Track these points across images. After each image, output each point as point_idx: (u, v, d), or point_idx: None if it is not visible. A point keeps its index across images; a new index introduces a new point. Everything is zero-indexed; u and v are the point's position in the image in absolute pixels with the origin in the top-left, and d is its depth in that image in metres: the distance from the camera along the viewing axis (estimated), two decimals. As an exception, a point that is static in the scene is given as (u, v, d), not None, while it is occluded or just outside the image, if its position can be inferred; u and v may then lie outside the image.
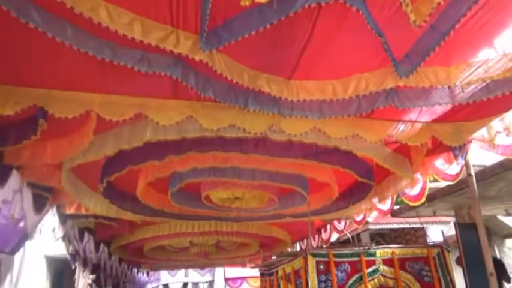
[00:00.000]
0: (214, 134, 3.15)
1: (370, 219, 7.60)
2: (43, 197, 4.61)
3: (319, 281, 4.72)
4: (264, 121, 3.09)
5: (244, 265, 13.51)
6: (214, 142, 3.51)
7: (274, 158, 3.69)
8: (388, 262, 5.07)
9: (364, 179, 4.27)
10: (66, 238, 5.85)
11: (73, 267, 6.30)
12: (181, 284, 15.87)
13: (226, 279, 15.77)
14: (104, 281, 8.43)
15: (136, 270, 12.85)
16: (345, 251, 4.98)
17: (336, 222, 8.09)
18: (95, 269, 7.49)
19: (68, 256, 6.15)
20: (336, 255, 4.87)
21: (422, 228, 7.80)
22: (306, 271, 4.80)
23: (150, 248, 8.61)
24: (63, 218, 5.53)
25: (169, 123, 3.05)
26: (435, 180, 4.87)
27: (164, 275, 15.78)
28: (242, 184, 4.48)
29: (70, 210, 5.46)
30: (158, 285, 15.75)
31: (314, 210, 6.14)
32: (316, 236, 8.36)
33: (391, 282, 5.00)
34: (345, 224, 7.89)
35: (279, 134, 3.25)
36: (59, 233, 5.56)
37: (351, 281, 4.84)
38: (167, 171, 4.09)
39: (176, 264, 12.18)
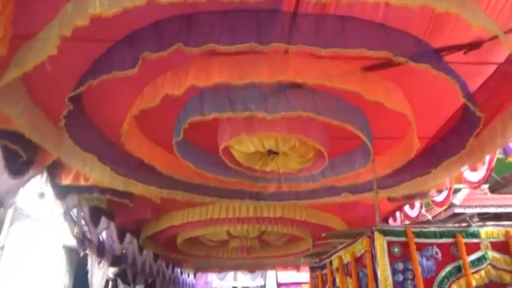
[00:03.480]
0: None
1: (456, 201, 5.72)
2: (18, 156, 3.54)
3: (394, 271, 3.13)
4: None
5: (298, 268, 11.94)
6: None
7: (317, 48, 2.20)
8: (500, 247, 3.35)
9: (469, 103, 2.63)
10: (68, 217, 4.80)
11: (81, 255, 5.25)
12: (230, 288, 14.67)
13: (279, 284, 14.28)
14: (132, 276, 7.39)
15: (179, 271, 11.82)
16: (432, 228, 3.34)
17: (407, 208, 6.34)
18: (117, 261, 6.44)
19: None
20: (418, 234, 3.26)
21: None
22: (373, 257, 3.24)
23: (184, 240, 7.42)
24: (61, 190, 4.47)
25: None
26: None
27: (213, 280, 14.68)
28: (272, 123, 3.07)
29: (66, 180, 4.41)
30: (206, 289, 14.68)
31: (381, 181, 4.53)
32: (383, 228, 6.65)
33: (507, 277, 3.27)
34: (420, 209, 6.12)
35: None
36: (57, 209, 4.51)
37: (443, 273, 3.19)
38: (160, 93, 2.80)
39: (221, 264, 10.92)
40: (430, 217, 5.79)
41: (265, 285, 14.41)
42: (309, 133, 3.22)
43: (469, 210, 5.97)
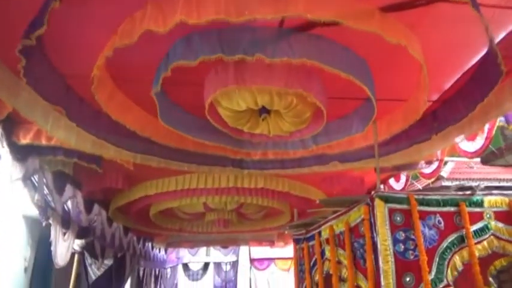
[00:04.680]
0: None
1: (444, 174, 5.59)
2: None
3: (395, 241, 2.88)
4: None
5: (272, 243, 11.81)
6: None
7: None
8: (503, 217, 3.17)
9: (495, 53, 2.32)
10: (28, 183, 4.26)
11: (43, 225, 4.74)
12: (202, 264, 14.39)
13: (252, 260, 14.17)
14: (100, 250, 6.93)
15: (150, 246, 11.40)
16: (435, 196, 3.11)
17: (392, 181, 6.18)
18: (84, 233, 5.96)
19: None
20: (420, 202, 3.01)
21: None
22: (372, 225, 2.98)
23: (157, 212, 6.99)
24: (19, 151, 3.92)
25: None
26: None
27: (185, 255, 14.37)
28: (267, 75, 2.68)
29: (25, 139, 3.86)
30: (178, 264, 14.34)
31: (372, 150, 4.27)
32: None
33: (510, 248, 3.10)
34: (406, 182, 5.97)
35: None
36: (16, 173, 3.97)
37: (446, 243, 2.98)
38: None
39: (194, 239, 10.58)
40: (420, 188, 5.62)
41: (238, 261, 14.27)
42: (310, 88, 2.85)
43: (457, 183, 5.90)
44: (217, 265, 14.25)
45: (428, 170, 5.07)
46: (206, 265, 14.35)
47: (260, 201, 6.24)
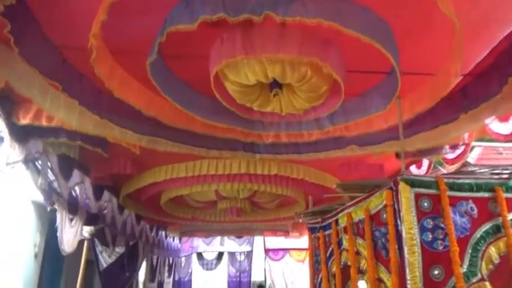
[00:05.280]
0: None
1: (471, 160, 5.19)
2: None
3: (423, 229, 2.57)
4: None
5: (287, 234, 11.58)
6: None
7: None
8: (545, 204, 2.81)
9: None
10: (31, 165, 4.10)
11: (48, 209, 4.59)
12: (217, 253, 14.27)
13: (267, 250, 13.96)
14: (111, 238, 6.81)
15: (164, 234, 11.32)
16: (467, 180, 2.77)
17: (413, 168, 5.80)
18: (93, 220, 5.82)
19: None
20: (451, 186, 2.68)
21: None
22: (396, 211, 2.67)
23: (168, 200, 6.81)
24: (19, 132, 3.75)
25: None
26: None
27: (199, 244, 14.27)
28: (278, 42, 2.38)
29: (25, 119, 3.68)
30: (192, 254, 14.26)
31: (395, 131, 3.93)
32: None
33: (553, 239, 2.75)
34: (428, 169, 5.59)
35: None
36: (15, 155, 3.80)
37: (479, 233, 2.64)
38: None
39: (208, 228, 10.42)
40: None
41: (252, 251, 14.09)
42: (326, 57, 2.54)
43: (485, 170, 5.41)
44: (232, 255, 14.10)
45: (452, 156, 4.68)
46: (220, 255, 14.23)
47: (274, 189, 5.97)
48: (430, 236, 2.57)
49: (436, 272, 2.51)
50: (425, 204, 2.62)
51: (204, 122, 3.76)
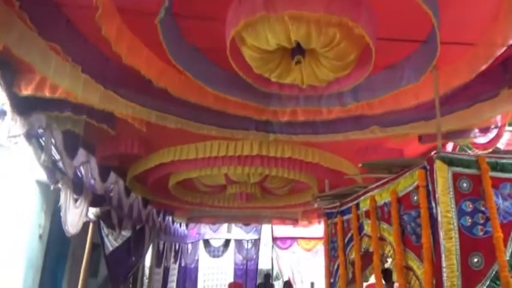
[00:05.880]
0: None
1: (500, 145, 4.87)
2: None
3: (461, 213, 2.30)
4: None
5: (296, 222, 11.34)
6: None
7: None
8: None
9: None
10: (33, 140, 3.88)
11: (51, 188, 4.39)
12: (223, 240, 14.12)
13: (274, 239, 13.77)
14: (118, 221, 6.63)
15: (171, 220, 11.16)
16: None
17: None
18: (99, 201, 5.63)
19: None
20: (493, 166, 2.41)
21: None
22: (431, 193, 2.40)
23: (176, 184, 6.60)
24: (20, 104, 3.52)
25: None
26: None
27: (206, 231, 14.12)
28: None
29: (27, 90, 3.45)
30: (199, 240, 14.12)
31: (422, 111, 3.65)
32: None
33: None
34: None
35: None
36: (16, 128, 3.58)
37: (525, 218, 2.38)
38: None
39: (215, 214, 10.23)
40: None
41: (259, 239, 13.91)
42: (357, 16, 2.25)
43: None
44: (239, 242, 13.92)
45: (483, 140, 4.37)
46: (227, 242, 14.06)
47: (286, 173, 5.71)
48: (469, 220, 2.31)
49: (475, 260, 2.26)
50: (465, 185, 2.36)
51: (217, 96, 3.50)
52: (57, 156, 4.29)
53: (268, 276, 11.07)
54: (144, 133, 4.47)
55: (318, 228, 12.45)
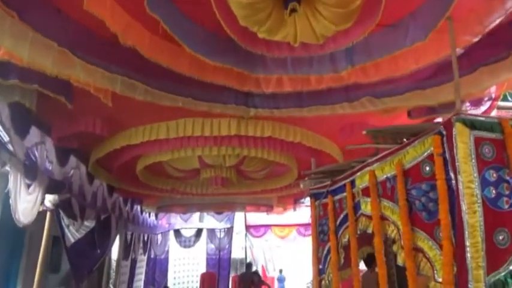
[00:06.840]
0: None
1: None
2: None
3: (484, 183, 1.98)
4: None
5: (270, 209, 11.02)
6: None
7: None
8: None
9: None
10: (-28, 113, 3.27)
11: (-3, 170, 3.79)
12: (195, 230, 13.64)
13: (248, 227, 13.47)
14: (79, 210, 6.02)
15: (139, 209, 10.56)
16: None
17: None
18: (57, 188, 5.02)
19: None
20: (518, 129, 2.11)
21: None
22: (449, 161, 2.07)
23: (145, 168, 6.07)
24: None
25: None
26: None
27: (177, 221, 13.57)
28: None
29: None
30: (169, 231, 13.57)
31: (418, 80, 3.35)
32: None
33: None
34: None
35: None
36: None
37: (553, 189, 2.10)
38: None
39: (187, 202, 9.73)
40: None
41: (232, 227, 13.53)
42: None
43: None
44: (211, 232, 13.49)
45: (475, 112, 4.14)
46: (199, 231, 13.59)
47: (266, 153, 5.32)
48: (494, 191, 2.00)
49: (500, 237, 1.96)
50: (487, 151, 2.04)
51: (192, 60, 3.02)
52: (2, 134, 3.68)
53: (249, 265, 10.76)
54: (108, 109, 3.88)
55: (292, 215, 12.26)
